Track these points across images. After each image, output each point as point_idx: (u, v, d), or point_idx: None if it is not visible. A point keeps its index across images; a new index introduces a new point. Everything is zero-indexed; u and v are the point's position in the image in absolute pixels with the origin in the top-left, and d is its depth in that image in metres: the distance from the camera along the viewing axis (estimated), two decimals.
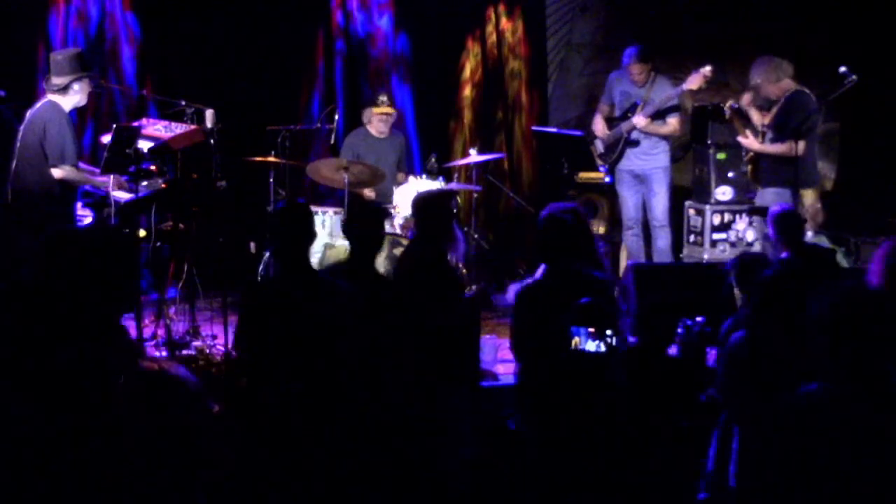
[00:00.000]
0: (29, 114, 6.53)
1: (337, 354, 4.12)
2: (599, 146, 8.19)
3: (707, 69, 7.66)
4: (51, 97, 6.52)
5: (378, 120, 8.06)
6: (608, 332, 4.14)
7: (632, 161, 8.03)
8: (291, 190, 7.65)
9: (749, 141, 7.36)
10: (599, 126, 8.14)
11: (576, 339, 4.19)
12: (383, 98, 8.19)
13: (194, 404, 2.89)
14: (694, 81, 7.71)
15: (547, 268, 4.77)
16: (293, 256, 4.28)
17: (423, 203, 5.17)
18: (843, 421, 2.81)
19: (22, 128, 6.51)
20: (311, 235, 4.39)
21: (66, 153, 6.41)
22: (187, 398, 2.87)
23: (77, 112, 7.06)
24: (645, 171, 8.03)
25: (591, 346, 4.15)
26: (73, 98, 6.56)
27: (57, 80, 6.50)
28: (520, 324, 4.68)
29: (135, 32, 8.39)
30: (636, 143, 8.01)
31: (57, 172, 6.38)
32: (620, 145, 8.00)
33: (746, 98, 7.59)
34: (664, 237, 8.12)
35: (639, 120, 7.80)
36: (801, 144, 6.86)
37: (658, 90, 7.96)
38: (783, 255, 5.84)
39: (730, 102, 7.75)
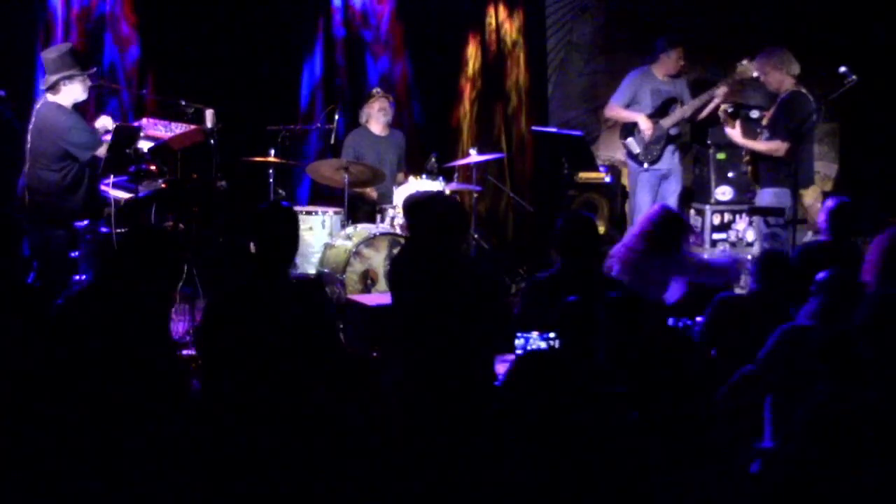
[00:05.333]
0: (34, 115, 6.54)
1: (305, 361, 4.01)
2: (635, 146, 7.99)
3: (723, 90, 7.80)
4: (48, 96, 6.54)
5: (378, 110, 8.04)
6: (552, 334, 4.26)
7: (662, 159, 8.01)
8: (291, 190, 7.66)
9: (734, 132, 7.33)
10: (646, 123, 7.86)
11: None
12: (377, 90, 8.19)
13: None
14: (721, 95, 7.80)
15: (563, 264, 4.85)
16: (271, 259, 4.08)
17: (413, 206, 5.05)
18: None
19: (30, 129, 6.52)
20: (294, 241, 4.15)
21: (93, 140, 6.51)
22: None
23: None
24: (672, 168, 8.02)
25: (540, 344, 4.30)
26: (68, 95, 6.55)
27: (49, 78, 6.52)
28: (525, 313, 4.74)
29: (135, 32, 8.38)
30: (678, 138, 7.98)
31: (101, 152, 6.50)
32: (664, 142, 7.94)
33: (721, 91, 7.72)
34: None
35: (722, 89, 7.77)
36: (786, 145, 6.85)
37: (681, 87, 8.01)
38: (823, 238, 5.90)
39: (723, 106, 7.75)
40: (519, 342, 4.51)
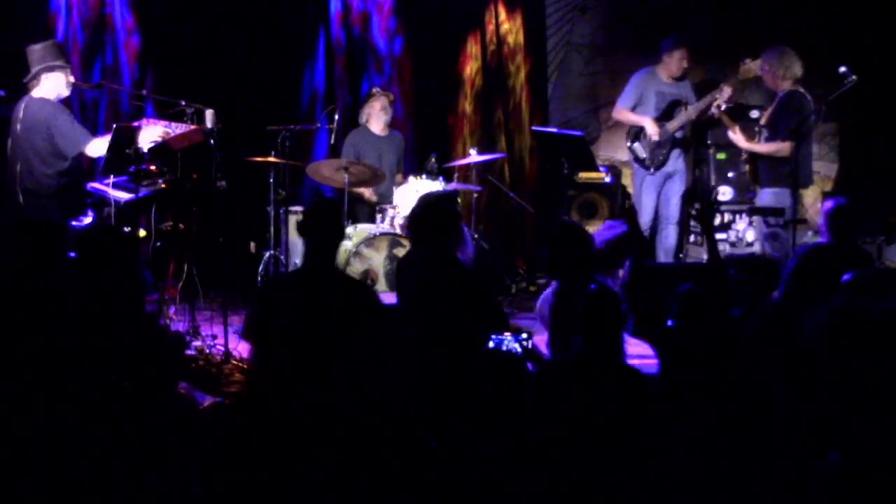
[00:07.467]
0: (21, 113, 6.43)
1: (350, 352, 4.14)
2: (641, 151, 7.97)
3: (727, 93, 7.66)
4: (33, 93, 6.47)
5: (380, 108, 8.04)
6: (524, 335, 4.29)
7: (667, 162, 7.99)
8: (291, 190, 7.65)
9: (738, 137, 7.34)
10: (653, 128, 7.82)
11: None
12: (377, 88, 8.19)
13: None
14: (725, 96, 7.66)
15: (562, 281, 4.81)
16: (316, 252, 4.37)
17: (425, 206, 5.18)
18: None
19: (18, 127, 6.42)
20: (338, 233, 4.49)
21: (82, 138, 6.43)
22: None
23: (80, 113, 7.05)
24: (677, 168, 8.00)
25: (513, 346, 4.32)
26: (51, 88, 6.47)
27: (31, 72, 6.48)
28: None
29: (135, 32, 8.39)
30: (683, 141, 7.95)
31: (90, 152, 6.45)
32: (669, 145, 7.92)
33: (725, 93, 7.60)
34: (675, 235, 8.11)
35: (726, 91, 7.61)
36: (790, 145, 6.84)
37: (686, 89, 7.97)
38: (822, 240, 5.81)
39: (717, 102, 7.72)
40: (491, 344, 4.51)
